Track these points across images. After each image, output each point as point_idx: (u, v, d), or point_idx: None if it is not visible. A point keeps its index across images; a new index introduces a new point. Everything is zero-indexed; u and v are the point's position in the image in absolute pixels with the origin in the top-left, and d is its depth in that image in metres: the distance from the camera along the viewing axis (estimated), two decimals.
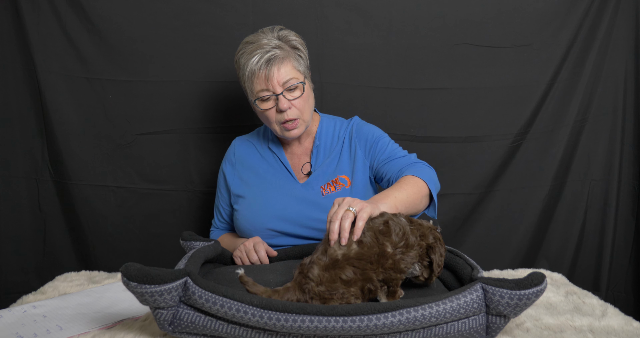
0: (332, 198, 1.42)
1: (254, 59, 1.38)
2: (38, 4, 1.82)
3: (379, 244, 1.00)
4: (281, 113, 1.41)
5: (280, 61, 1.38)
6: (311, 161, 1.52)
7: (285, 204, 1.46)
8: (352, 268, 0.97)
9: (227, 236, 1.62)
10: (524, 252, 2.02)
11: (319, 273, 0.97)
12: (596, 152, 2.00)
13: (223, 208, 1.62)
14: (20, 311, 1.16)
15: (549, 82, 1.94)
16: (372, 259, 0.99)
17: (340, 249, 0.99)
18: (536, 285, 0.91)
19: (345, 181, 1.46)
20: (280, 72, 1.38)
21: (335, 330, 0.87)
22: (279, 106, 1.39)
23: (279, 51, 1.39)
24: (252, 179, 1.53)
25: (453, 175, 1.96)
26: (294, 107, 1.41)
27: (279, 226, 1.45)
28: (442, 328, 0.91)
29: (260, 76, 1.38)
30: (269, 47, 1.39)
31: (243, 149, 1.59)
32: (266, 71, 1.37)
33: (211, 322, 0.93)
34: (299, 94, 1.42)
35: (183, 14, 1.86)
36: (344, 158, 1.50)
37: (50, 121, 1.87)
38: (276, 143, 1.56)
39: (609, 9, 1.91)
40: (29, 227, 1.92)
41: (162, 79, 1.89)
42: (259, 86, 1.40)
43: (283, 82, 1.39)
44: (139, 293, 0.91)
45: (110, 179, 1.93)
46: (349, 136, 1.53)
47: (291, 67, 1.40)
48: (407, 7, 1.90)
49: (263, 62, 1.37)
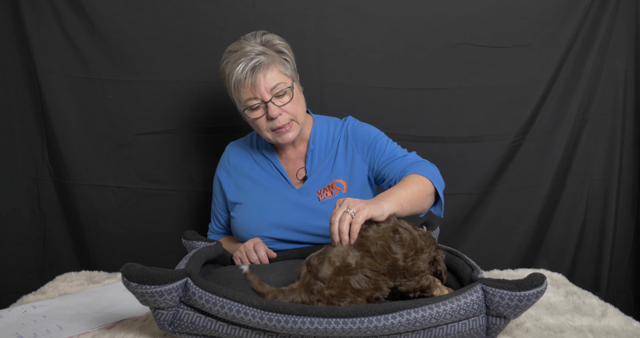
0: (329, 204, 1.41)
1: (238, 67, 1.34)
2: (38, 4, 1.82)
3: (391, 253, 1.00)
4: (272, 121, 1.38)
5: (266, 67, 1.35)
6: (306, 166, 1.49)
7: (282, 212, 1.43)
8: (365, 278, 0.98)
9: (225, 239, 1.61)
10: (524, 252, 2.02)
11: (330, 276, 0.97)
12: (596, 152, 2.00)
13: (220, 214, 1.60)
14: (20, 311, 1.16)
15: (549, 82, 1.94)
16: (384, 271, 1.00)
17: (353, 257, 0.99)
18: (536, 286, 0.91)
19: (342, 185, 1.44)
20: (266, 79, 1.35)
21: (335, 331, 0.87)
22: (269, 114, 1.36)
23: (264, 56, 1.35)
24: (247, 185, 1.51)
25: (453, 175, 1.96)
26: (285, 113, 1.38)
27: (276, 234, 1.43)
28: (442, 329, 0.91)
29: (246, 85, 1.35)
30: (253, 54, 1.35)
31: (237, 155, 1.57)
32: (252, 79, 1.34)
33: (211, 322, 0.93)
34: (289, 99, 1.38)
35: (183, 14, 1.86)
36: (339, 161, 1.47)
37: (50, 121, 1.87)
38: (269, 149, 1.53)
39: (609, 9, 1.91)
40: (29, 227, 1.92)
41: (162, 79, 1.89)
42: (247, 95, 1.37)
43: (271, 89, 1.35)
44: (139, 293, 0.91)
45: (110, 179, 1.93)
46: (345, 138, 1.50)
47: (277, 72, 1.37)
48: (407, 7, 1.90)
49: (248, 70, 1.34)
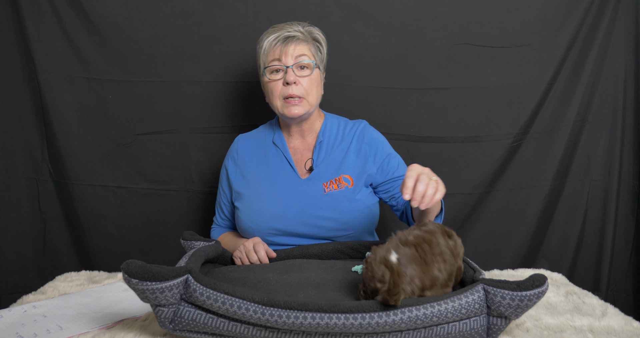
0: (334, 196, 1.44)
1: (273, 35, 1.46)
2: (38, 4, 1.82)
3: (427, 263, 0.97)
4: (287, 86, 1.44)
5: (298, 41, 1.46)
6: (313, 156, 1.52)
7: (287, 200, 1.46)
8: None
9: (228, 234, 1.62)
10: (524, 252, 2.02)
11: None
12: (596, 152, 2.00)
13: (225, 204, 1.62)
14: (20, 311, 1.16)
15: (549, 82, 1.94)
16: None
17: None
18: (538, 286, 0.91)
19: (349, 181, 1.47)
20: (297, 48, 1.45)
21: (337, 327, 0.87)
22: (286, 78, 1.43)
23: (300, 34, 1.47)
24: (253, 175, 1.53)
25: (453, 175, 1.96)
26: (300, 85, 1.45)
27: (280, 224, 1.45)
28: (443, 328, 0.92)
29: (275, 49, 1.45)
30: (292, 30, 1.47)
31: (246, 146, 1.60)
32: (282, 45, 1.45)
33: (212, 319, 0.93)
34: (308, 73, 1.46)
35: (183, 14, 1.86)
36: (350, 158, 1.51)
37: (50, 121, 1.87)
38: (281, 138, 1.57)
39: (609, 9, 1.91)
40: (29, 227, 1.92)
41: (162, 79, 1.89)
42: (272, 56, 1.46)
43: (295, 57, 1.44)
44: (140, 290, 0.91)
45: (110, 179, 1.93)
46: (359, 140, 1.54)
47: (307, 49, 1.47)
48: (407, 7, 1.90)
49: (281, 38, 1.45)
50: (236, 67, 1.90)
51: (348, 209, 1.44)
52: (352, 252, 1.41)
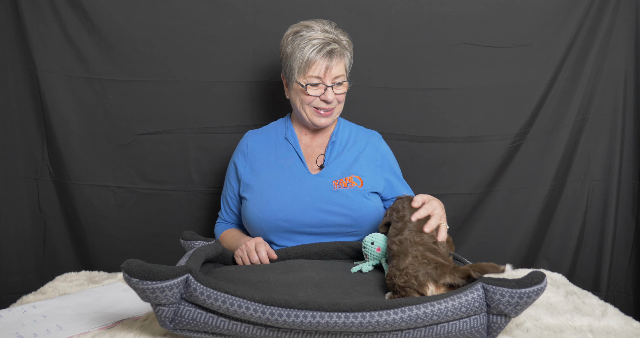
0: (344, 193, 1.47)
1: (315, 44, 1.45)
2: (38, 4, 1.82)
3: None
4: (323, 102, 1.49)
5: (339, 56, 1.48)
6: (325, 154, 1.55)
7: (296, 193, 1.47)
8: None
9: (233, 230, 1.63)
10: (524, 252, 2.02)
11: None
12: (596, 152, 2.00)
13: (231, 197, 1.63)
14: (20, 311, 1.16)
15: (549, 82, 1.94)
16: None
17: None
18: (536, 283, 0.91)
19: (358, 181, 1.50)
20: (337, 67, 1.48)
21: (337, 325, 0.87)
22: (326, 96, 1.48)
23: (339, 46, 1.48)
24: (264, 167, 1.55)
25: (453, 175, 1.96)
26: (336, 101, 1.51)
27: (288, 215, 1.45)
28: (443, 326, 0.92)
29: (319, 65, 1.46)
30: (330, 39, 1.47)
31: (256, 140, 1.62)
32: (327, 62, 1.46)
33: (213, 318, 0.93)
34: (343, 91, 1.53)
35: (183, 14, 1.86)
36: (361, 162, 1.54)
37: (50, 121, 1.87)
38: (293, 134, 1.59)
39: (609, 9, 1.91)
40: (29, 227, 1.92)
41: (162, 79, 1.89)
42: (315, 73, 1.47)
43: (335, 77, 1.48)
44: (141, 289, 0.91)
45: (110, 179, 1.92)
46: (373, 148, 1.59)
47: (343, 65, 1.51)
48: (407, 7, 1.90)
49: (326, 53, 1.45)
50: (236, 67, 1.90)
51: (357, 206, 1.46)
52: (352, 252, 1.41)
